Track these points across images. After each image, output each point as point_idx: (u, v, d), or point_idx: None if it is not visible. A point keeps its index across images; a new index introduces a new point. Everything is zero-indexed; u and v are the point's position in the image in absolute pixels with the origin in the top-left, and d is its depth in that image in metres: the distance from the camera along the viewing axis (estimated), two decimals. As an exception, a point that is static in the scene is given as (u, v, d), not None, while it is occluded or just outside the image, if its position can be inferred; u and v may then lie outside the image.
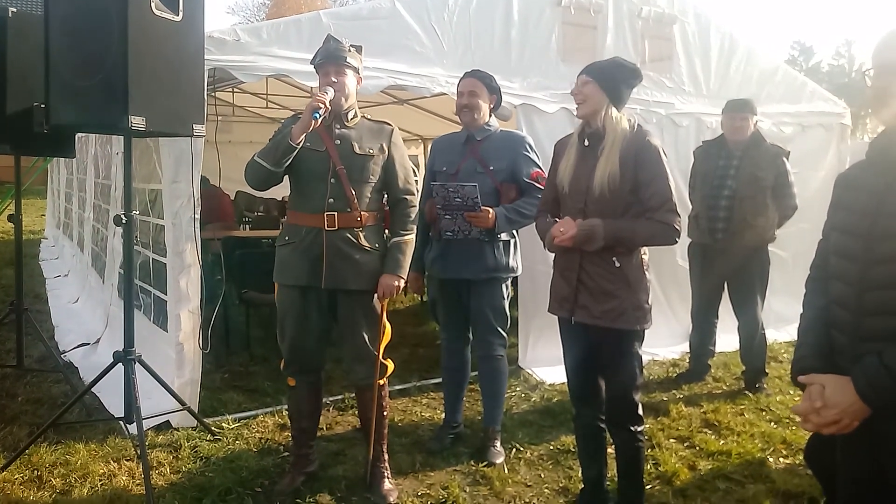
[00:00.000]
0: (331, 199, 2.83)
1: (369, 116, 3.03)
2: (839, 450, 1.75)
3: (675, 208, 2.55)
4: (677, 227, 2.55)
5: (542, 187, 3.28)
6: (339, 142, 2.87)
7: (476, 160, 3.32)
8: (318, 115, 2.70)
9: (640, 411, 2.68)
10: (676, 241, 2.61)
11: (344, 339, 2.98)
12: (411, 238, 2.99)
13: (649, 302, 2.63)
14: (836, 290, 1.67)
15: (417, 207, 3.04)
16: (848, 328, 1.62)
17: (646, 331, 2.65)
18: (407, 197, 3.00)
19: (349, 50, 2.89)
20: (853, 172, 1.75)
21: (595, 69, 2.63)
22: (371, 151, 2.91)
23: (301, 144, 2.76)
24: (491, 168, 3.29)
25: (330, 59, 2.85)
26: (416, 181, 3.14)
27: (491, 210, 3.17)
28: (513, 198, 3.28)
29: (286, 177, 2.91)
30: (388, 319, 3.03)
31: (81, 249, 7.17)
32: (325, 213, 2.83)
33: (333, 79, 2.83)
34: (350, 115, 2.93)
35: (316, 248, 2.84)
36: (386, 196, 3.02)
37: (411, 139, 10.44)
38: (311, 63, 2.94)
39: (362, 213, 2.88)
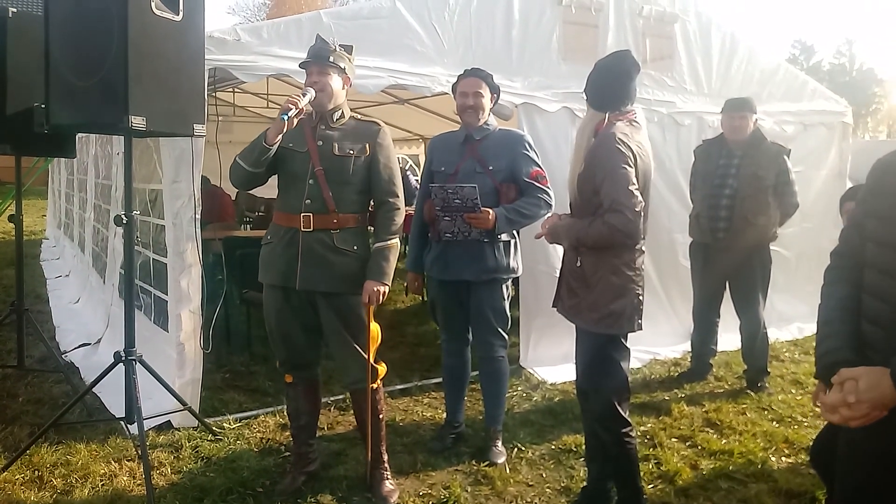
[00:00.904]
0: (308, 200, 2.82)
1: (359, 116, 3.00)
2: (842, 444, 1.71)
3: (621, 208, 2.44)
4: (621, 227, 2.44)
5: (542, 186, 3.27)
6: (321, 143, 2.86)
7: (475, 160, 3.29)
8: (285, 117, 2.66)
9: (624, 413, 2.65)
10: (627, 242, 2.51)
11: (332, 343, 2.96)
12: (395, 243, 2.92)
13: (616, 306, 2.54)
14: (872, 279, 1.58)
15: (402, 210, 2.98)
16: (885, 321, 1.53)
17: (626, 335, 2.62)
18: (390, 199, 2.92)
19: (335, 50, 2.86)
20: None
21: (586, 84, 2.68)
22: (351, 152, 2.86)
23: (276, 145, 2.75)
24: (490, 168, 3.27)
25: (313, 59, 2.84)
26: (416, 180, 3.15)
27: (491, 211, 3.14)
28: (512, 198, 3.25)
29: (273, 175, 2.92)
30: (382, 321, 3.01)
31: (82, 250, 7.17)
32: (302, 214, 2.82)
33: (315, 79, 2.81)
34: (336, 116, 2.90)
35: (293, 249, 2.84)
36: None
37: (412, 139, 10.43)
38: (300, 65, 2.92)
39: (340, 215, 2.84)
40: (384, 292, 2.84)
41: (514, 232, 3.37)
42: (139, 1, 2.73)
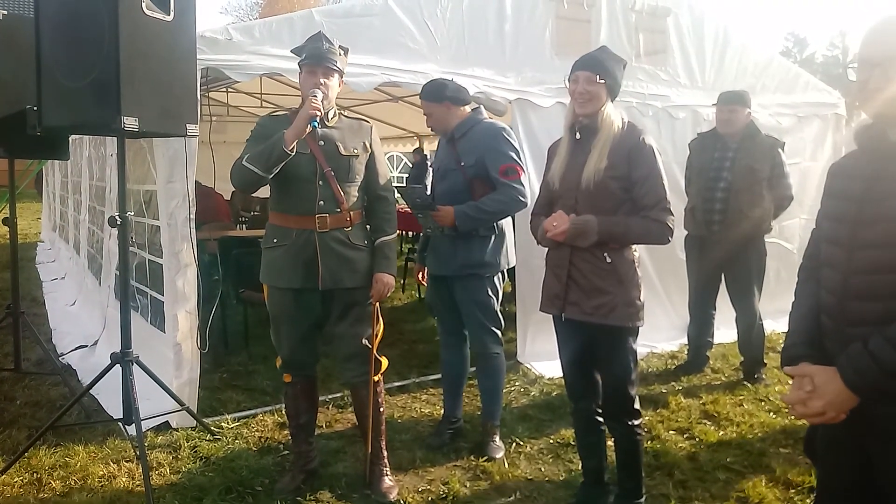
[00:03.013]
0: (321, 202, 2.82)
1: (347, 114, 3.03)
2: (819, 443, 1.77)
3: (668, 207, 2.54)
4: (671, 225, 2.55)
5: (510, 181, 3.21)
6: (322, 143, 2.85)
7: (453, 157, 3.34)
8: (315, 124, 2.67)
9: (637, 405, 2.68)
10: (669, 241, 2.60)
11: (339, 337, 2.97)
12: (395, 237, 3.03)
13: (641, 299, 2.60)
14: (825, 276, 1.69)
15: (395, 205, 3.07)
16: (835, 312, 1.63)
17: (640, 327, 2.63)
18: (387, 195, 3.01)
19: (341, 54, 2.87)
20: (844, 161, 1.77)
21: (598, 64, 2.57)
22: (356, 151, 2.90)
23: (295, 151, 2.74)
24: (462, 164, 3.29)
25: (319, 61, 2.80)
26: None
27: (450, 208, 3.19)
28: (482, 194, 3.24)
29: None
30: (383, 316, 3.04)
31: (78, 252, 7.16)
32: (317, 216, 2.82)
33: (321, 81, 2.79)
34: (331, 115, 2.91)
35: (309, 250, 2.83)
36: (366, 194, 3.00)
37: (407, 136, 10.42)
38: (300, 59, 2.85)
39: (351, 212, 2.88)
40: (392, 284, 2.95)
41: (506, 227, 3.38)
42: (129, 1, 2.72)
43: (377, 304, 2.96)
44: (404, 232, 8.72)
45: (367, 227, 3.00)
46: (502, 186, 3.22)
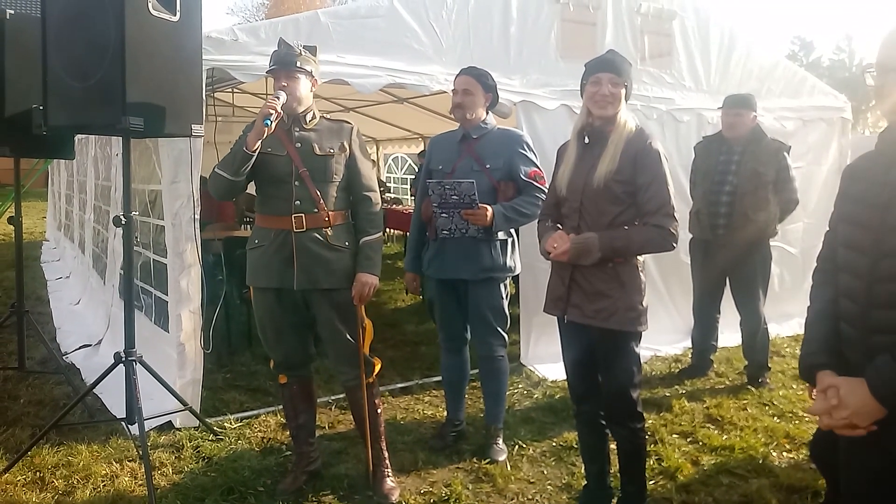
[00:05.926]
0: (297, 202, 2.84)
1: (329, 117, 3.04)
2: (842, 446, 1.73)
3: (672, 213, 2.50)
4: (674, 231, 2.50)
5: (540, 186, 3.25)
6: (299, 144, 2.87)
7: (472, 158, 3.29)
8: (269, 122, 2.69)
9: (640, 408, 2.66)
10: (674, 247, 2.55)
11: (325, 340, 2.98)
12: (380, 237, 3.01)
13: (644, 303, 2.58)
14: (844, 282, 1.66)
15: (381, 205, 3.06)
16: (856, 320, 1.60)
17: (643, 331, 2.61)
18: (370, 195, 2.99)
19: (300, 53, 2.87)
20: (861, 164, 1.73)
21: (618, 67, 2.56)
22: (332, 151, 2.91)
23: (257, 152, 2.75)
24: (487, 166, 3.26)
25: (280, 66, 2.84)
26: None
27: (489, 207, 3.13)
28: (510, 196, 3.24)
29: (250, 182, 2.93)
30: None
31: (82, 251, 7.17)
32: (293, 216, 2.84)
33: (284, 83, 2.82)
34: (308, 117, 2.92)
35: (286, 250, 2.85)
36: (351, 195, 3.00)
37: (412, 137, 10.43)
38: (267, 72, 2.91)
39: (329, 212, 2.88)
40: (375, 284, 2.92)
41: (512, 230, 3.37)
42: (136, 1, 2.73)
43: (362, 305, 2.94)
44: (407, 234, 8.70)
45: (352, 228, 2.99)
46: (533, 190, 3.23)
